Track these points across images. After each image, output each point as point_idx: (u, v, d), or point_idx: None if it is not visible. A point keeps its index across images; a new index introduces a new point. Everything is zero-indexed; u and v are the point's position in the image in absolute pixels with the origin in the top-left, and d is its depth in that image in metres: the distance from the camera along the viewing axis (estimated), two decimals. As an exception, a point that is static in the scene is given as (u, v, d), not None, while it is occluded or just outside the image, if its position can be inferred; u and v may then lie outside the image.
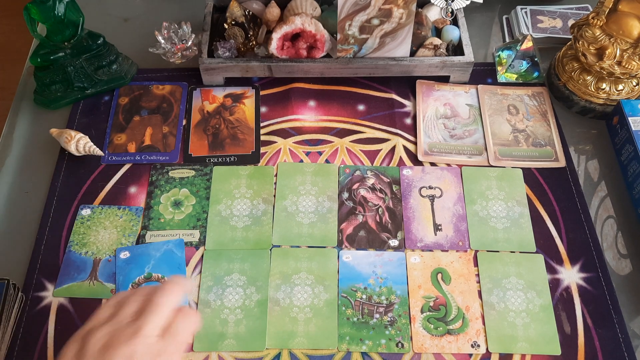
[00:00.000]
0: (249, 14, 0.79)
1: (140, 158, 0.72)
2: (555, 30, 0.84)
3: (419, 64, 0.75)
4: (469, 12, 0.87)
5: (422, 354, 0.58)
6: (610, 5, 0.71)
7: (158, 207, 0.68)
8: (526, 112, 0.77)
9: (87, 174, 0.71)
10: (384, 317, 0.60)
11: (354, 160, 0.72)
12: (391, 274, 0.63)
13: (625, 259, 0.66)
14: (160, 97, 0.78)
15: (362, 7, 0.70)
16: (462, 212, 0.68)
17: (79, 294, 0.62)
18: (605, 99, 0.75)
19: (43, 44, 0.73)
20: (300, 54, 0.74)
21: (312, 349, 0.59)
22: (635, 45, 0.71)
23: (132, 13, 0.89)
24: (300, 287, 0.62)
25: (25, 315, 0.60)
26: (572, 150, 0.74)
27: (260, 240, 0.65)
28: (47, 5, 0.70)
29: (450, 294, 0.62)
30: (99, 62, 0.76)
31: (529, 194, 0.69)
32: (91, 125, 0.75)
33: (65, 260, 0.64)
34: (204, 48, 0.76)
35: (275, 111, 0.77)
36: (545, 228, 0.67)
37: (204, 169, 0.71)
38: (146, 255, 0.64)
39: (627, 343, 0.59)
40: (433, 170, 0.71)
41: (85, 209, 0.68)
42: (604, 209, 0.69)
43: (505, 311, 0.61)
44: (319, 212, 0.67)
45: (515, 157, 0.72)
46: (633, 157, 0.69)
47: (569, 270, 0.64)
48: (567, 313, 0.61)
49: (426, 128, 0.75)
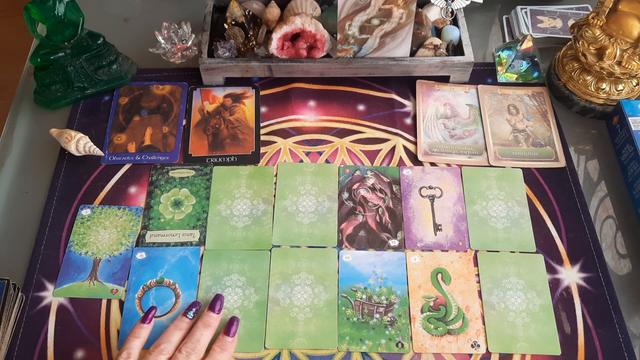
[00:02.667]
0: (249, 14, 0.79)
1: (140, 158, 0.72)
2: (555, 30, 0.84)
3: (419, 64, 0.75)
4: (469, 12, 0.87)
5: (422, 354, 0.58)
6: (610, 5, 0.71)
7: (158, 207, 0.68)
8: (526, 112, 0.77)
9: (87, 174, 0.71)
10: (384, 317, 0.60)
11: (354, 160, 0.72)
12: (391, 274, 0.63)
13: (625, 258, 0.66)
14: (160, 97, 0.78)
15: (362, 7, 0.70)
16: (462, 212, 0.68)
17: (79, 294, 0.62)
18: (605, 99, 0.75)
19: (43, 44, 0.73)
20: (300, 54, 0.74)
21: (312, 349, 0.59)
22: (635, 45, 0.71)
23: (132, 13, 0.89)
24: (300, 287, 0.62)
25: (25, 315, 0.60)
26: (572, 150, 0.74)
27: (260, 240, 0.65)
28: (47, 5, 0.70)
29: (450, 294, 0.62)
30: (99, 62, 0.76)
31: (529, 194, 0.69)
32: (91, 125, 0.75)
33: (65, 260, 0.64)
34: (204, 48, 0.76)
35: (275, 111, 0.77)
36: (545, 228, 0.67)
37: (204, 169, 0.71)
38: (161, 259, 0.64)
39: (627, 343, 0.59)
40: (433, 170, 0.71)
41: (85, 209, 0.68)
42: (604, 209, 0.69)
43: (505, 311, 0.61)
44: (319, 212, 0.67)
45: (515, 157, 0.72)
46: (633, 157, 0.69)
47: (569, 270, 0.64)
48: (567, 313, 0.61)
49: (426, 128, 0.75)
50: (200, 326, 0.56)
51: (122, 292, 0.62)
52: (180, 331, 0.55)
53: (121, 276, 0.63)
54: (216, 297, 0.58)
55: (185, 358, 0.52)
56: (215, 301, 0.58)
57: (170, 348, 0.53)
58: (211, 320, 0.57)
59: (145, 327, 0.56)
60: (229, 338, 0.56)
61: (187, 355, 0.53)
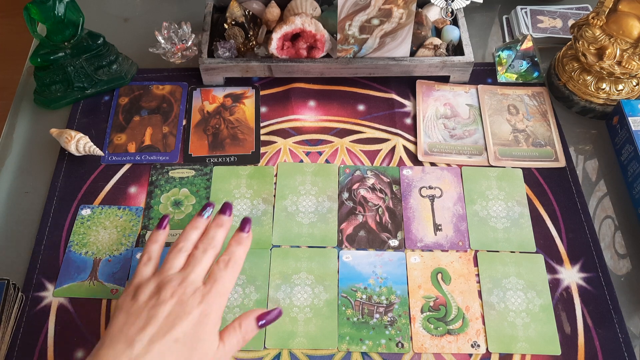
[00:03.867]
0: (249, 14, 0.79)
1: (140, 158, 0.72)
2: (555, 30, 0.84)
3: (419, 64, 0.75)
4: (469, 12, 0.87)
5: (422, 354, 0.58)
6: (610, 5, 0.71)
7: (158, 207, 0.68)
8: (526, 112, 0.77)
9: (87, 174, 0.71)
10: (384, 317, 0.60)
11: (354, 160, 0.72)
12: (391, 274, 0.63)
13: (625, 259, 0.66)
14: (160, 97, 0.78)
15: (362, 7, 0.70)
16: (462, 212, 0.68)
17: (79, 294, 0.62)
18: (605, 99, 0.75)
19: (43, 44, 0.73)
20: (300, 54, 0.75)
21: (312, 349, 0.59)
22: (635, 45, 0.71)
23: (132, 13, 0.89)
24: (300, 287, 0.62)
25: (25, 315, 0.60)
26: (572, 150, 0.74)
27: (260, 240, 0.65)
28: (47, 5, 0.70)
29: (450, 294, 0.62)
30: (99, 62, 0.76)
31: (529, 194, 0.69)
32: (91, 125, 0.75)
33: (65, 260, 0.64)
34: (204, 48, 0.76)
35: (275, 111, 0.77)
36: (545, 228, 0.67)
37: (204, 169, 0.71)
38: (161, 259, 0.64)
39: (627, 343, 0.59)
40: (433, 170, 0.71)
41: (85, 209, 0.68)
42: (604, 209, 0.69)
43: (505, 311, 0.61)
44: (319, 212, 0.68)
45: (515, 157, 0.72)
46: (633, 157, 0.69)
47: (569, 270, 0.64)
48: (567, 313, 0.61)
49: (426, 128, 0.75)
50: (213, 226, 0.56)
51: (122, 292, 0.62)
52: (197, 230, 0.56)
53: (121, 276, 0.63)
54: (225, 203, 0.58)
55: (203, 253, 0.53)
56: (225, 206, 0.58)
57: (188, 245, 0.55)
58: (223, 220, 0.57)
59: (161, 232, 0.57)
60: (244, 234, 0.56)
61: (204, 250, 0.54)
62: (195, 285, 0.51)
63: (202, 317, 0.49)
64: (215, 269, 0.53)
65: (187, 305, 0.49)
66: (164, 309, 0.48)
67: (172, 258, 0.54)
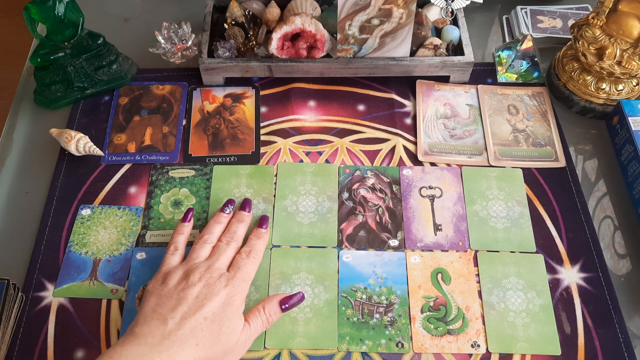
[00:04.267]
0: (249, 14, 0.79)
1: (140, 158, 0.72)
2: (555, 30, 0.84)
3: (419, 64, 0.75)
4: (469, 12, 0.87)
5: (422, 354, 0.58)
6: (610, 5, 0.71)
7: (158, 207, 0.68)
8: (526, 112, 0.77)
9: (87, 174, 0.71)
10: (384, 317, 0.60)
11: (354, 160, 0.72)
12: (391, 274, 0.63)
13: (625, 259, 0.66)
14: (160, 97, 0.78)
15: (362, 7, 0.70)
16: (462, 212, 0.68)
17: (79, 294, 0.62)
18: (605, 99, 0.75)
19: (43, 44, 0.73)
20: (300, 54, 0.75)
21: (312, 349, 0.59)
22: (635, 45, 0.71)
23: (132, 13, 0.89)
24: (300, 287, 0.62)
25: (25, 315, 0.60)
26: (572, 150, 0.74)
27: (260, 240, 0.65)
28: (47, 5, 0.70)
29: (450, 294, 0.62)
30: (99, 62, 0.76)
31: (529, 194, 0.69)
32: (91, 125, 0.75)
33: (65, 260, 0.64)
34: (204, 48, 0.76)
35: (275, 111, 0.77)
36: (545, 228, 0.67)
37: (204, 169, 0.71)
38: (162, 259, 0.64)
39: (627, 343, 0.59)
40: (433, 170, 0.71)
41: (85, 209, 0.68)
42: (604, 209, 0.69)
43: (505, 311, 0.61)
44: (319, 212, 0.68)
45: (515, 157, 0.72)
46: (633, 157, 0.69)
47: (569, 270, 0.64)
48: (567, 313, 0.61)
49: (426, 128, 0.75)
50: (234, 222, 0.63)
51: (122, 292, 0.62)
52: (220, 224, 0.62)
53: (121, 276, 0.63)
54: (245, 200, 0.66)
55: (226, 245, 0.59)
56: (245, 203, 0.65)
57: (212, 238, 0.60)
58: (244, 216, 0.64)
59: (186, 225, 0.63)
60: (263, 229, 0.63)
61: (228, 243, 0.60)
62: (221, 271, 0.56)
63: (228, 299, 0.53)
64: (238, 258, 0.58)
65: (214, 287, 0.54)
66: (193, 290, 0.53)
67: (198, 249, 0.59)
